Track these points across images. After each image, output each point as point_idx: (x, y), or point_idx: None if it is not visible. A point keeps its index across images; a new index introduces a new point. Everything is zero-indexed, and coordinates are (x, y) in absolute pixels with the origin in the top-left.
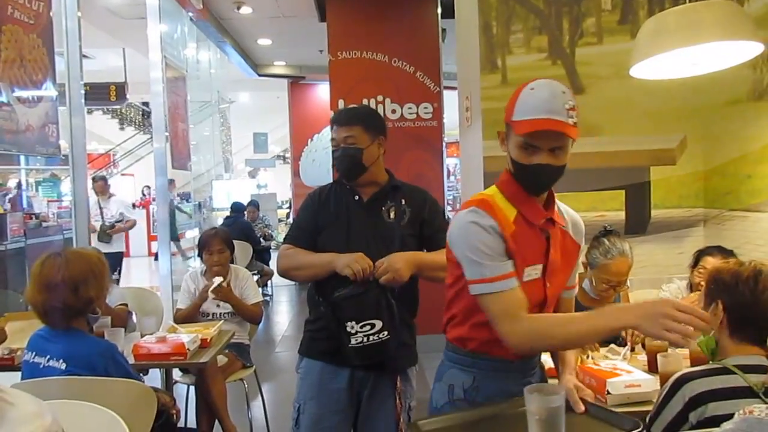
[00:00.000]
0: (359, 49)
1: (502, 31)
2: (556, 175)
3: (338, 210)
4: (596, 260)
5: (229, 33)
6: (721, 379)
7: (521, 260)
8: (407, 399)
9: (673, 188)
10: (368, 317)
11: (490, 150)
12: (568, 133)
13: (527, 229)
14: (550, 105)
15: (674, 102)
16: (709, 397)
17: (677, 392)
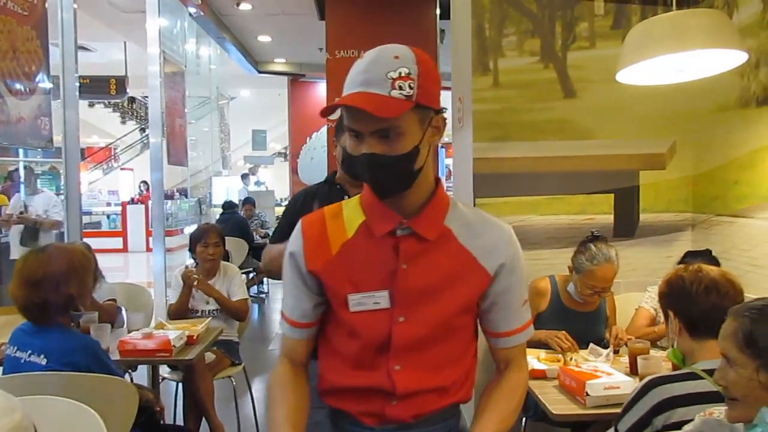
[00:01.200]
0: (357, 48)
1: (494, 33)
2: (393, 168)
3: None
4: (582, 266)
5: (228, 29)
6: (690, 384)
7: (348, 284)
8: None
9: (662, 193)
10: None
11: (479, 151)
12: (387, 111)
13: (368, 242)
14: (365, 75)
15: (665, 107)
16: (677, 402)
17: (645, 395)
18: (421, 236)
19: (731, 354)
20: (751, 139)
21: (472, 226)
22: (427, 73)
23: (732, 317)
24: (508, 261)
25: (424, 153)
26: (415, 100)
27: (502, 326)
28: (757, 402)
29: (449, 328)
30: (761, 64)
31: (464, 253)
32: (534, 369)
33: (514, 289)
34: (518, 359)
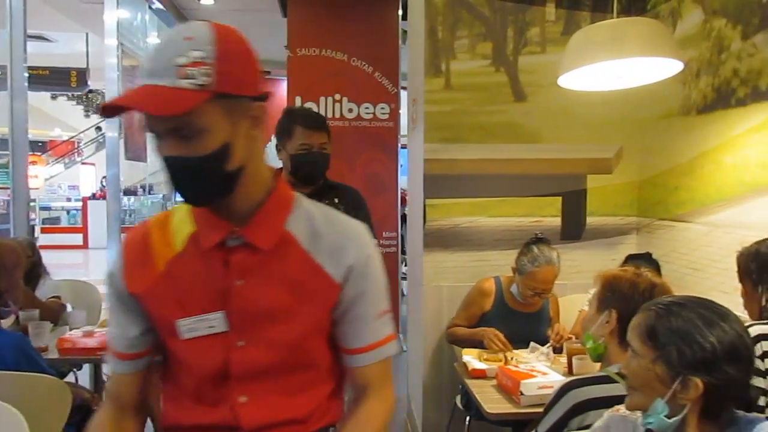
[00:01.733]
0: (319, 47)
1: (447, 36)
2: (199, 171)
3: None
4: (524, 267)
5: None
6: (603, 387)
7: (176, 307)
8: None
9: (609, 197)
10: None
11: (430, 152)
12: (169, 107)
13: (197, 257)
14: (151, 64)
15: (612, 113)
16: (592, 405)
17: (562, 398)
18: (255, 246)
19: (635, 345)
20: (691, 146)
21: (318, 228)
22: (230, 54)
23: (641, 311)
24: (358, 264)
25: (240, 149)
26: (214, 89)
27: (353, 341)
28: (652, 392)
29: (300, 351)
30: (702, 73)
31: (308, 261)
32: (474, 368)
33: (367, 298)
34: (377, 385)
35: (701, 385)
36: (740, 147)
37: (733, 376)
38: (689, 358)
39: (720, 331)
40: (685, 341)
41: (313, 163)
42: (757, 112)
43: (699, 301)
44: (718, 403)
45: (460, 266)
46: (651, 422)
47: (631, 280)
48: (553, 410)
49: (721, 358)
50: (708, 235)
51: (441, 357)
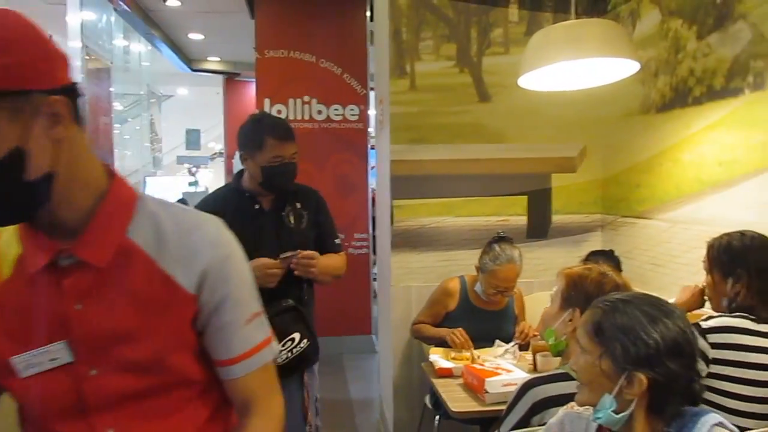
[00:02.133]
0: (287, 48)
1: (411, 37)
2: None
3: (242, 220)
4: (486, 266)
5: (158, 26)
6: (562, 385)
7: (9, 342)
8: (313, 392)
9: (573, 195)
10: (287, 334)
11: (397, 153)
12: None
13: (27, 282)
14: None
15: (576, 112)
16: (552, 402)
17: (523, 397)
18: (89, 264)
19: (583, 341)
20: (651, 144)
21: (165, 233)
22: (6, 43)
23: (590, 308)
24: (213, 268)
25: (41, 154)
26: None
27: (223, 352)
28: (600, 388)
29: (164, 370)
30: (660, 73)
31: (156, 272)
32: (441, 368)
33: (230, 303)
34: (260, 398)
35: (645, 380)
36: (697, 145)
37: (676, 371)
38: (633, 354)
39: (663, 327)
40: (629, 337)
41: (285, 174)
42: (713, 110)
43: (644, 298)
44: (663, 398)
45: (428, 266)
46: (600, 417)
47: (597, 280)
48: (514, 410)
49: (663, 354)
50: (668, 231)
51: (410, 357)
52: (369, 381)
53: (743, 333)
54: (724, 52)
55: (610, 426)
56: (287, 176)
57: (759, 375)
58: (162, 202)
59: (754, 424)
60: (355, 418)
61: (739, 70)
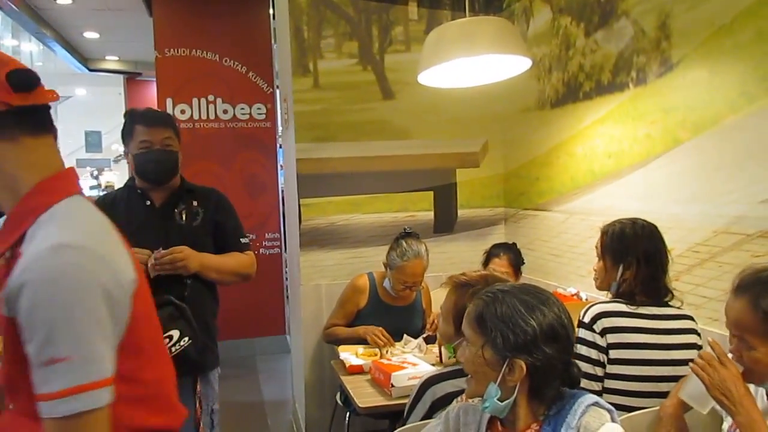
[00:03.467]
0: (188, 47)
1: (313, 35)
2: None
3: (129, 216)
4: (394, 262)
5: (49, 25)
6: (459, 381)
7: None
8: (209, 402)
9: (477, 189)
10: (164, 331)
11: (302, 152)
12: None
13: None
14: None
15: (477, 108)
16: (450, 399)
17: (423, 395)
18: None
19: (467, 333)
20: (548, 138)
21: (27, 249)
22: None
23: (473, 300)
24: (11, 295)
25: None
26: None
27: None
28: (484, 377)
29: (17, 390)
30: (553, 69)
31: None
32: (352, 365)
33: (29, 334)
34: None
35: (524, 366)
36: (589, 138)
37: (553, 355)
38: (512, 341)
39: (540, 314)
40: (509, 326)
41: (156, 161)
42: (601, 105)
43: (522, 288)
44: (542, 382)
45: (337, 264)
46: (487, 407)
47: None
48: (415, 409)
49: (540, 340)
50: (565, 222)
51: (321, 355)
52: (283, 382)
53: (619, 316)
54: (609, 49)
55: (497, 414)
56: (159, 164)
57: (640, 354)
58: (55, 219)
59: (652, 402)
60: (268, 419)
61: (623, 65)
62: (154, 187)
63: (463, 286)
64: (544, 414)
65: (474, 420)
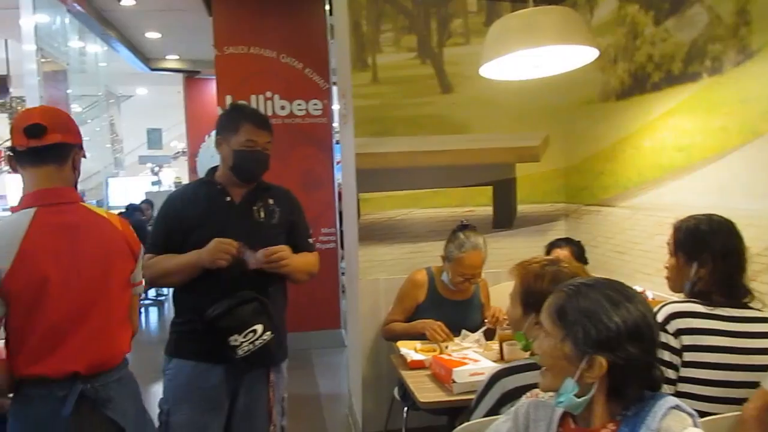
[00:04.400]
0: (247, 44)
1: (371, 30)
2: None
3: (209, 211)
4: (451, 254)
5: (113, 26)
6: (532, 374)
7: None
8: (280, 391)
9: (537, 184)
10: (249, 325)
11: (361, 147)
12: None
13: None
14: None
15: (537, 101)
16: (519, 393)
17: (492, 388)
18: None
19: (546, 324)
20: (613, 131)
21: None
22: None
23: (555, 292)
24: None
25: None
26: None
27: None
28: (561, 371)
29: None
30: (619, 59)
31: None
32: (413, 360)
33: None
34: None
35: (605, 363)
36: (657, 131)
37: (636, 355)
38: (594, 337)
39: (625, 311)
40: (591, 321)
41: (256, 161)
42: (671, 96)
43: (607, 283)
44: (622, 381)
45: (395, 259)
46: (561, 401)
47: (553, 279)
48: (483, 401)
49: (624, 338)
50: (630, 218)
51: (379, 350)
52: (338, 375)
53: (694, 317)
54: (681, 37)
55: (572, 410)
56: (257, 164)
57: (717, 358)
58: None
59: (725, 408)
60: (324, 412)
61: (696, 54)
62: (237, 183)
63: (528, 265)
64: (621, 414)
65: (545, 416)
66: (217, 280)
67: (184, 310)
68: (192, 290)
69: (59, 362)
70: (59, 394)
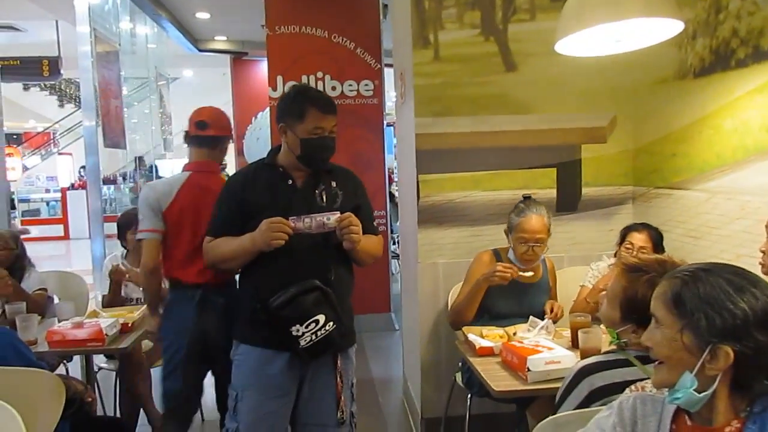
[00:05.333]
0: (298, 24)
1: (434, 5)
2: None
3: (271, 195)
4: (512, 222)
5: (164, 6)
6: (621, 371)
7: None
8: (348, 377)
9: (604, 166)
10: (311, 316)
11: (421, 127)
12: None
13: None
14: None
15: (605, 80)
16: (612, 390)
17: (578, 385)
18: None
19: (659, 314)
20: (688, 111)
21: None
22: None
23: (666, 279)
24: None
25: None
26: None
27: None
28: (679, 364)
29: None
30: (698, 35)
31: None
32: (482, 346)
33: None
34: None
35: (732, 353)
36: (741, 110)
37: (765, 343)
38: (719, 325)
39: (751, 297)
40: (714, 308)
41: (325, 148)
42: (759, 72)
43: (726, 267)
44: (750, 373)
45: (455, 242)
46: (679, 398)
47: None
48: (570, 397)
49: (752, 325)
50: (707, 202)
51: (438, 335)
52: (389, 359)
53: None
54: None
55: (689, 406)
56: (326, 150)
57: None
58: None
59: None
60: (379, 397)
61: None
62: (299, 167)
63: (635, 270)
64: (746, 410)
65: (654, 411)
66: (277, 267)
67: (248, 297)
68: (254, 277)
69: (189, 274)
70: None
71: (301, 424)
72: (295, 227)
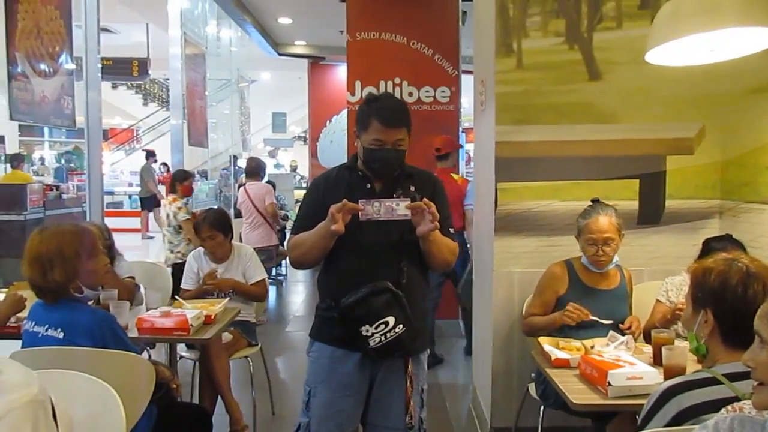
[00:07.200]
0: (378, 31)
1: (518, 13)
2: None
3: (349, 198)
4: (580, 224)
5: (249, 11)
6: (708, 390)
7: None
8: (419, 382)
9: (689, 178)
10: (380, 317)
11: (502, 135)
12: None
13: None
14: None
15: (693, 90)
16: (701, 410)
17: (664, 405)
18: None
19: (765, 334)
20: None
21: None
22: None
23: None
24: None
25: None
26: None
27: None
28: None
29: None
30: None
31: None
32: (557, 358)
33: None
34: None
35: None
36: None
37: None
38: None
39: None
40: None
41: (383, 160)
42: None
43: None
44: None
45: (532, 252)
46: None
47: (721, 271)
48: (656, 418)
49: None
50: None
51: (511, 344)
52: (456, 366)
53: None
54: None
55: None
56: (386, 163)
57: None
58: None
59: None
60: (447, 403)
61: None
62: (371, 176)
63: (703, 261)
64: None
65: None
66: (351, 266)
67: (324, 295)
68: (330, 275)
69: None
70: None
71: (372, 425)
72: (364, 210)
